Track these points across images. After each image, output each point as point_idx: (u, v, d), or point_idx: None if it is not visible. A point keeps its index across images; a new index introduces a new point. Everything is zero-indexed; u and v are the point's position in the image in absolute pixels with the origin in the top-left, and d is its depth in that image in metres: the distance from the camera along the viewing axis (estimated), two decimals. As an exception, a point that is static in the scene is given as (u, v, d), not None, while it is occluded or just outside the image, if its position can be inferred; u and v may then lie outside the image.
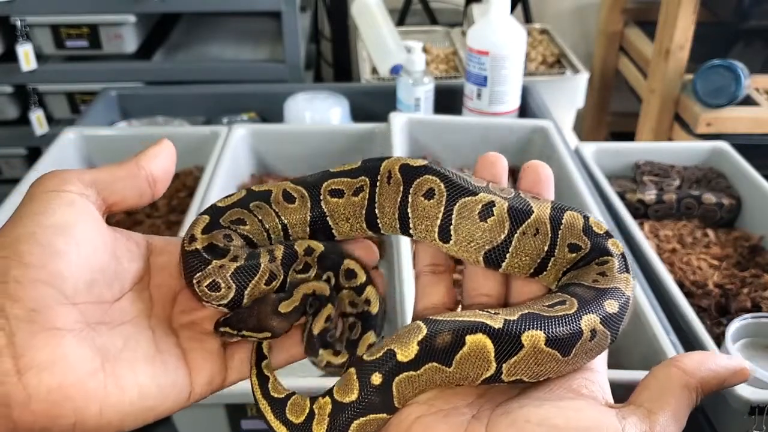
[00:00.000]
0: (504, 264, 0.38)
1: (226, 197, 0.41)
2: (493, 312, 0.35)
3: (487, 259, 0.38)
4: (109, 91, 1.37)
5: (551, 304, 0.36)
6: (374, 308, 0.39)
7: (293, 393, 0.37)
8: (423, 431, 0.34)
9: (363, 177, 0.41)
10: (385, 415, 0.35)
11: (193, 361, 0.38)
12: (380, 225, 0.41)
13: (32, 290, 0.32)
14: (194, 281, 0.38)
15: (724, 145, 1.14)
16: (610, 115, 2.45)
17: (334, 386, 0.36)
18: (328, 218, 0.41)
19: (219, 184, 0.98)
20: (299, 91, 1.33)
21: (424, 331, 0.35)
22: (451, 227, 0.38)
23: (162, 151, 0.40)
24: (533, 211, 0.38)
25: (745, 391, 0.67)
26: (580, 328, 0.34)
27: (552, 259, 0.38)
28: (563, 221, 0.38)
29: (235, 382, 0.40)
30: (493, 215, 0.37)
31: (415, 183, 0.39)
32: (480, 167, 0.41)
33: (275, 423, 0.36)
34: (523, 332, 0.34)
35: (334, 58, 2.37)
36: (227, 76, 1.85)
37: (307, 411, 0.35)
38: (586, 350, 0.35)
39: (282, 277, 0.39)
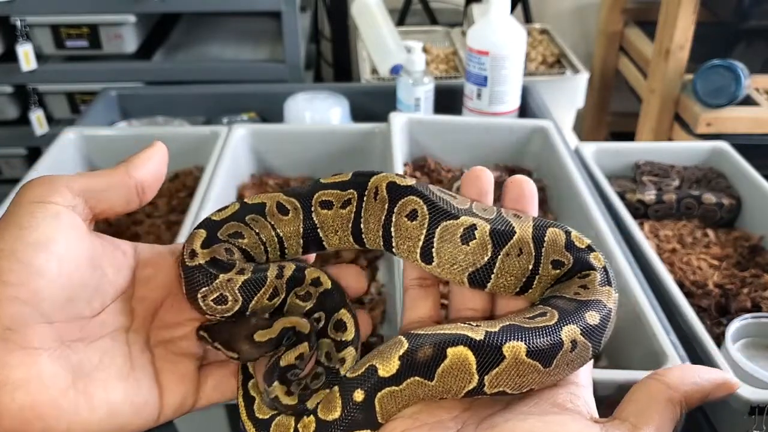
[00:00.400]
0: (489, 284, 0.39)
1: (220, 210, 0.41)
2: (474, 324, 0.35)
3: (472, 280, 0.38)
4: (109, 91, 1.37)
5: (532, 316, 0.36)
6: (343, 370, 0.38)
7: (278, 413, 0.37)
8: None
9: (351, 190, 0.41)
10: (368, 431, 0.35)
11: (166, 382, 0.38)
12: (365, 240, 0.41)
13: (9, 308, 0.32)
14: (199, 296, 0.38)
15: (724, 145, 1.13)
16: (610, 115, 2.45)
17: (318, 405, 0.36)
18: (319, 230, 0.41)
19: (219, 184, 0.98)
20: (299, 91, 1.33)
21: (406, 345, 0.35)
22: (433, 249, 0.38)
23: (153, 156, 0.40)
24: (516, 232, 0.38)
25: (745, 391, 0.67)
26: (560, 339, 0.34)
27: (537, 277, 0.39)
28: (546, 239, 0.38)
29: (206, 406, 0.40)
30: (476, 238, 0.38)
31: (400, 203, 0.39)
32: (466, 182, 0.41)
33: None
34: (504, 343, 0.34)
35: (334, 58, 2.37)
36: (227, 76, 1.85)
37: (292, 431, 0.36)
38: (568, 361, 0.35)
39: (284, 295, 0.39)
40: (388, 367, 0.34)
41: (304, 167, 1.15)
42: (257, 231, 0.41)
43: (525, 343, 0.34)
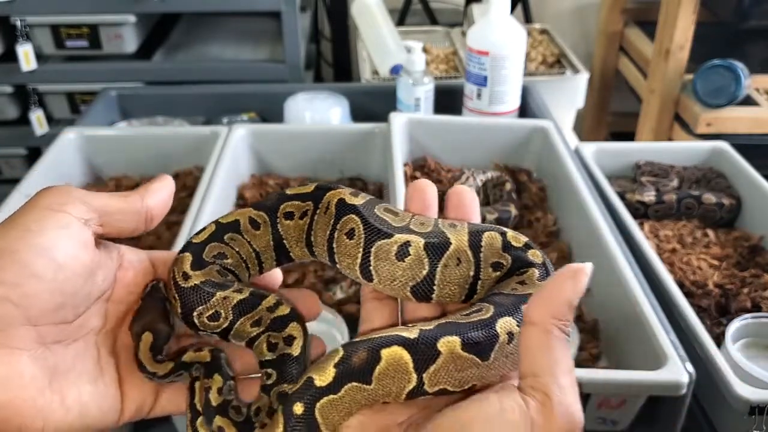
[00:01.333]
0: (434, 296, 0.39)
1: (198, 233, 0.42)
2: (410, 326, 0.35)
3: (416, 293, 0.39)
4: (109, 91, 1.37)
5: (468, 313, 0.36)
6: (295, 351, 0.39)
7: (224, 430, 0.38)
8: None
9: (309, 202, 0.42)
10: None
11: (127, 387, 0.39)
12: (316, 252, 0.42)
13: None
14: (195, 314, 0.39)
15: (724, 145, 1.14)
16: (610, 115, 2.45)
17: (265, 424, 0.36)
18: (284, 241, 0.42)
19: (219, 185, 0.98)
20: (299, 91, 1.33)
21: (341, 353, 0.35)
22: (371, 267, 0.39)
23: (163, 188, 0.41)
24: (451, 243, 0.38)
25: (745, 391, 0.67)
26: (495, 331, 0.34)
27: (479, 281, 0.39)
28: (483, 244, 0.39)
29: (160, 414, 0.41)
30: (410, 254, 0.38)
31: (342, 220, 0.40)
32: (410, 196, 0.41)
33: None
34: (439, 339, 0.34)
35: (334, 58, 2.37)
36: (227, 76, 1.85)
37: None
38: (506, 354, 0.35)
39: (264, 328, 0.40)
40: (324, 377, 0.34)
41: (304, 167, 1.15)
42: (237, 249, 0.42)
43: (460, 337, 0.34)
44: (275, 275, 0.45)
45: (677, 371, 0.66)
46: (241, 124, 1.19)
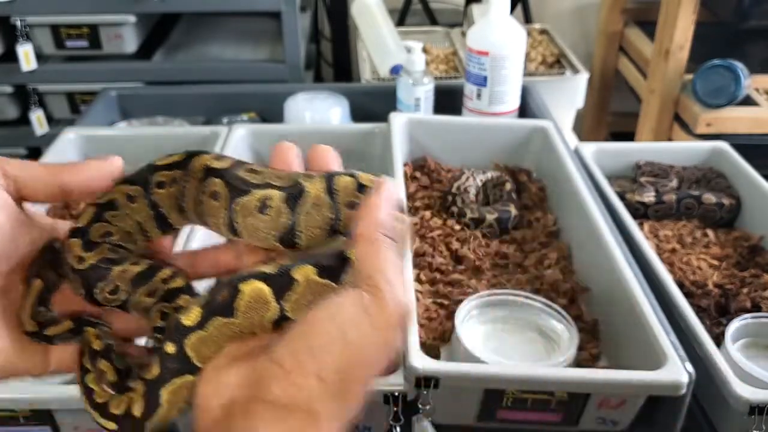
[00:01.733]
0: (301, 242, 0.42)
1: (80, 218, 0.45)
2: (271, 263, 0.39)
3: (283, 242, 0.42)
4: (109, 91, 1.37)
5: (326, 246, 0.40)
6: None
7: (114, 394, 0.41)
8: (214, 375, 0.36)
9: (178, 170, 0.44)
10: (189, 376, 0.37)
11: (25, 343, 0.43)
12: (189, 217, 0.45)
13: None
14: (96, 291, 0.42)
15: (723, 146, 1.14)
16: (610, 115, 2.46)
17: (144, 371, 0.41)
18: (161, 209, 0.45)
19: (219, 184, 0.98)
20: (299, 91, 1.33)
21: (206, 295, 0.38)
22: (237, 224, 0.42)
23: (93, 168, 0.44)
24: (306, 190, 0.42)
25: (744, 390, 0.67)
26: (346, 256, 0.37)
27: (340, 222, 0.42)
28: (336, 188, 0.42)
29: (54, 374, 0.44)
30: (271, 207, 0.41)
31: (206, 183, 0.43)
32: (273, 156, 0.45)
33: (103, 422, 0.40)
34: (294, 268, 0.37)
35: (334, 59, 2.37)
36: (227, 76, 1.85)
37: (126, 401, 0.39)
38: None
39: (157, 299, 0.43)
40: (191, 317, 0.37)
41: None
42: (120, 225, 0.45)
43: (314, 265, 0.37)
44: (164, 242, 0.47)
45: (677, 371, 0.66)
46: (241, 124, 1.19)
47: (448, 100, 1.31)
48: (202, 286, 0.43)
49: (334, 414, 0.34)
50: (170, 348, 0.37)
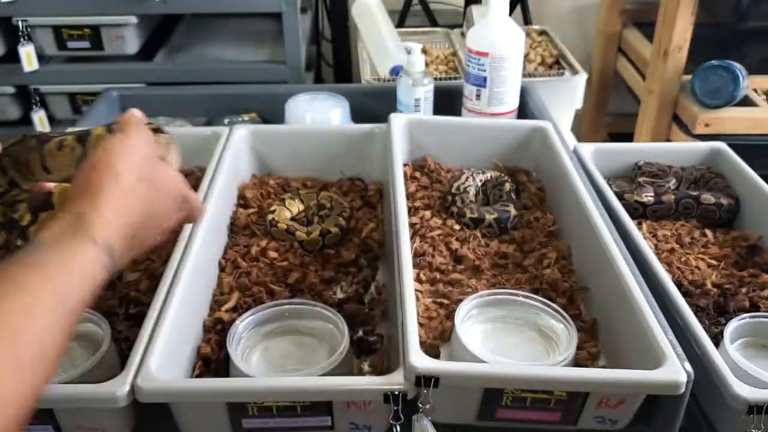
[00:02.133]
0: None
1: None
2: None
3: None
4: (111, 91, 1.37)
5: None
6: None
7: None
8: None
9: (18, 145, 0.71)
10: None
11: None
12: (28, 173, 0.72)
13: None
14: None
15: (722, 146, 1.14)
16: (609, 115, 2.46)
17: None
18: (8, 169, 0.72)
19: (220, 185, 0.99)
20: (300, 92, 1.34)
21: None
22: (48, 164, 0.69)
23: None
24: (92, 133, 0.69)
25: (743, 390, 0.68)
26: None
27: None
28: (114, 127, 0.66)
29: None
30: (67, 145, 0.68)
31: (29, 146, 0.70)
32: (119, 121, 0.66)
33: None
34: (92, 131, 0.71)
35: (334, 60, 2.37)
36: (228, 77, 1.85)
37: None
38: None
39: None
40: (25, 217, 0.72)
41: (305, 168, 1.16)
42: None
43: (105, 126, 0.70)
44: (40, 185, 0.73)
45: (675, 370, 0.67)
46: (242, 124, 1.20)
47: (447, 101, 1.31)
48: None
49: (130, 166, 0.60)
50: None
